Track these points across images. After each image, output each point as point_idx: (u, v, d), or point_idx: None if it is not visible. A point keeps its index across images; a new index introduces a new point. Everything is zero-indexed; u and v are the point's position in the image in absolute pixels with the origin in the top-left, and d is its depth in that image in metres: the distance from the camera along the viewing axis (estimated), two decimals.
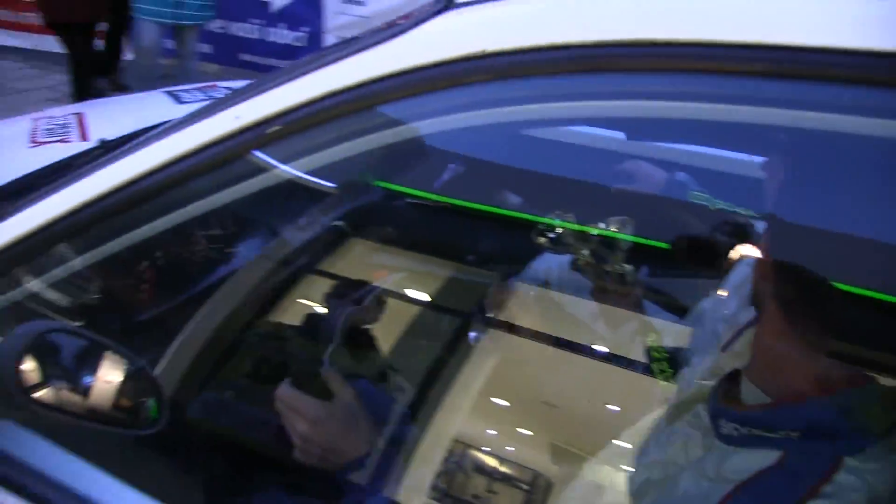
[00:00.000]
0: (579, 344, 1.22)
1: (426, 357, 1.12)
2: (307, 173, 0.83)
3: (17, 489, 0.71)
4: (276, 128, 0.65)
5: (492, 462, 1.04)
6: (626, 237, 1.16)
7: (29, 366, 0.79)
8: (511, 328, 1.26)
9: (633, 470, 0.80)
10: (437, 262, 1.26)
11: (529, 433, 1.10)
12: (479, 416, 1.12)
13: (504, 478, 1.00)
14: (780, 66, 0.49)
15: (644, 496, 0.76)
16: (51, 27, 3.63)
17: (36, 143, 1.23)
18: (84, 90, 3.80)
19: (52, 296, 0.95)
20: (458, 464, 1.01)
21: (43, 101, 4.43)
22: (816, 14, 0.49)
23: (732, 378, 0.75)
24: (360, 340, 1.10)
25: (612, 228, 1.15)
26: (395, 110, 0.66)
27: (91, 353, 0.87)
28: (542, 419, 1.13)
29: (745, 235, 1.09)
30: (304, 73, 0.65)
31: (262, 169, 0.72)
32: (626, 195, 1.23)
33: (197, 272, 1.19)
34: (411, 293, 1.19)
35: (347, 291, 1.13)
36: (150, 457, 0.91)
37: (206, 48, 4.67)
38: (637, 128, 0.90)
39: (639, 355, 1.12)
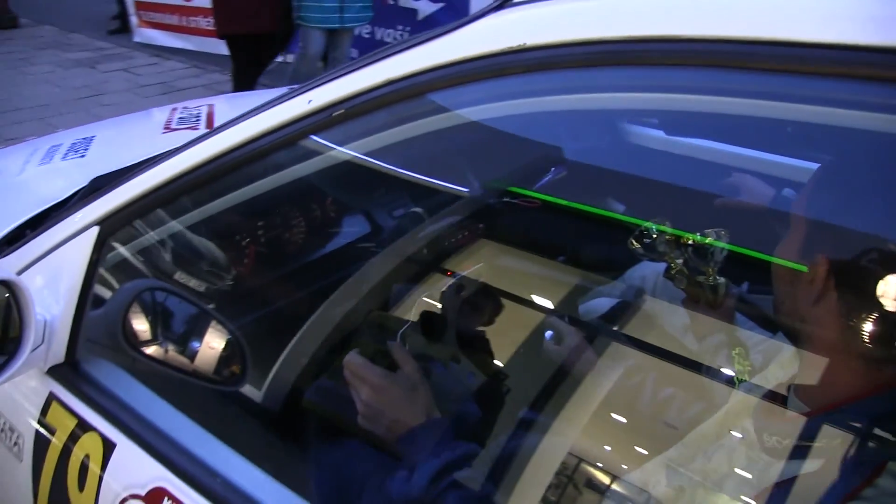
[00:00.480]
0: (694, 361, 1.21)
1: (545, 366, 1.14)
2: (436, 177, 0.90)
3: (115, 422, 0.86)
4: (340, 111, 0.75)
5: (605, 479, 1.05)
6: (724, 246, 1.16)
7: (132, 317, 0.94)
8: (634, 342, 1.25)
9: (671, 474, 0.81)
10: (564, 268, 1.27)
11: (646, 452, 1.08)
12: (596, 431, 1.12)
13: (616, 497, 1.00)
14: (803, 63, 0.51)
15: (681, 497, 0.78)
16: (222, 37, 3.98)
17: (168, 129, 1.43)
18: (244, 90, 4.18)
19: (157, 258, 1.11)
20: (569, 478, 1.03)
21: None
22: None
23: (776, 394, 0.75)
24: (473, 341, 1.16)
25: (710, 238, 1.15)
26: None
27: (187, 312, 1.01)
28: (660, 439, 1.10)
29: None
30: (368, 64, 0.75)
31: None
32: (730, 207, 1.22)
33: (297, 252, 1.32)
34: (534, 298, 1.20)
35: (466, 290, 1.17)
36: (240, 416, 1.03)
37: (353, 52, 5.00)
38: (664, 120, 0.90)
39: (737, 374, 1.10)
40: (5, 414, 0.97)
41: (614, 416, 1.07)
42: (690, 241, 1.17)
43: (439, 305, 1.16)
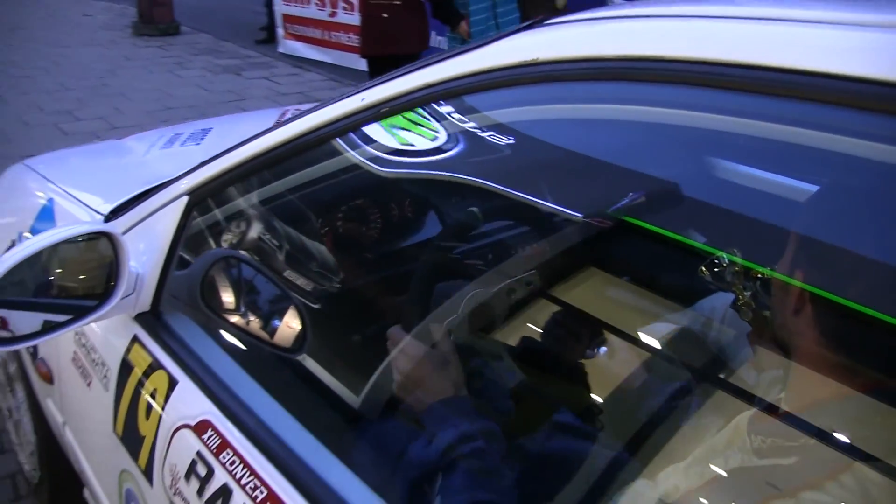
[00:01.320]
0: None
1: (644, 407, 1.16)
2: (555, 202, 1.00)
3: (181, 364, 1.08)
4: (386, 108, 0.93)
5: None
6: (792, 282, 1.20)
7: (210, 280, 1.16)
8: (738, 392, 1.21)
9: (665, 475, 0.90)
10: (673, 305, 1.28)
11: None
12: (693, 482, 1.13)
13: None
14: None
15: (674, 494, 0.87)
16: (365, 57, 4.31)
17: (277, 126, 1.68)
18: None
19: (272, 257, 1.33)
20: None
21: None
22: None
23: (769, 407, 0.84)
24: (571, 372, 1.27)
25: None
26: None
27: (258, 281, 1.22)
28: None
29: None
30: (413, 70, 0.92)
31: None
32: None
33: (397, 256, 1.50)
34: (640, 335, 1.20)
35: (570, 321, 1.22)
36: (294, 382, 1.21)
37: None
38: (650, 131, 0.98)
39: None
40: (100, 350, 1.22)
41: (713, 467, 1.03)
42: (760, 274, 1.24)
43: (541, 332, 1.22)
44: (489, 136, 1.09)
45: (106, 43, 8.12)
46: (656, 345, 1.19)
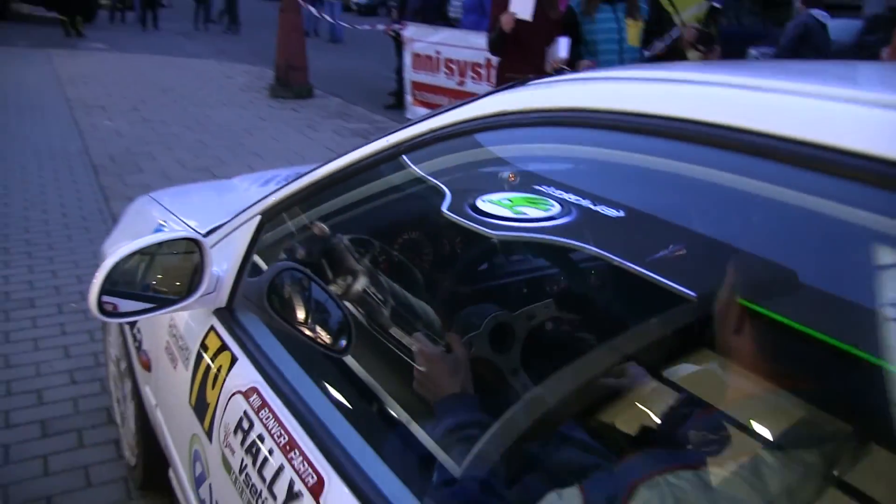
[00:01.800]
0: None
1: None
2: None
3: (242, 347, 1.41)
4: (416, 142, 1.23)
5: None
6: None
7: (274, 287, 1.49)
8: None
9: None
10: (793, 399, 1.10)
11: None
12: None
13: None
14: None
15: None
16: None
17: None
18: None
19: (377, 312, 1.62)
20: None
21: None
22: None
23: None
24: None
25: None
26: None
27: (314, 290, 1.54)
28: None
29: None
30: (447, 111, 1.23)
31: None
32: None
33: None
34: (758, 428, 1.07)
35: (682, 405, 1.17)
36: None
37: None
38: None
39: None
40: (185, 338, 1.58)
41: None
42: None
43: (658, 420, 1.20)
44: (600, 208, 1.16)
45: (244, 103, 9.08)
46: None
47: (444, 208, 1.29)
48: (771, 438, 0.97)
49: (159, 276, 1.49)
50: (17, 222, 4.77)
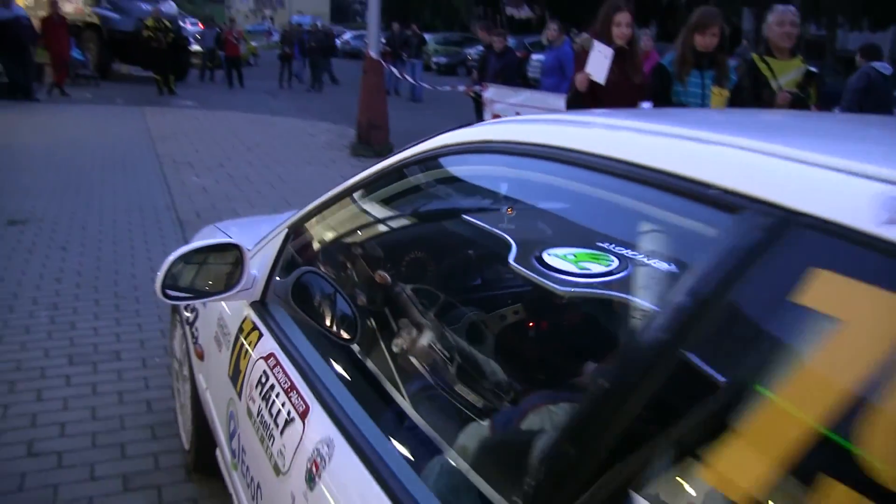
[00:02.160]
0: None
1: None
2: None
3: (269, 328, 1.90)
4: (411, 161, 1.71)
5: None
6: None
7: (297, 286, 1.97)
8: None
9: None
10: None
11: None
12: None
13: None
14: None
15: None
16: None
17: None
18: None
19: (443, 370, 2.06)
20: None
21: None
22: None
23: None
24: None
25: None
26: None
27: (329, 290, 2.02)
28: None
29: None
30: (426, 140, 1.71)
31: None
32: None
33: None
34: None
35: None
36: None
37: None
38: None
39: None
40: (228, 326, 2.08)
41: None
42: None
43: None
44: (654, 262, 1.23)
45: (326, 161, 9.81)
46: None
47: (512, 260, 1.42)
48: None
49: (208, 273, 2.01)
50: (108, 275, 5.20)
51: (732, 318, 0.85)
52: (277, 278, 2.00)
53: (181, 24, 22.17)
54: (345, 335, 1.88)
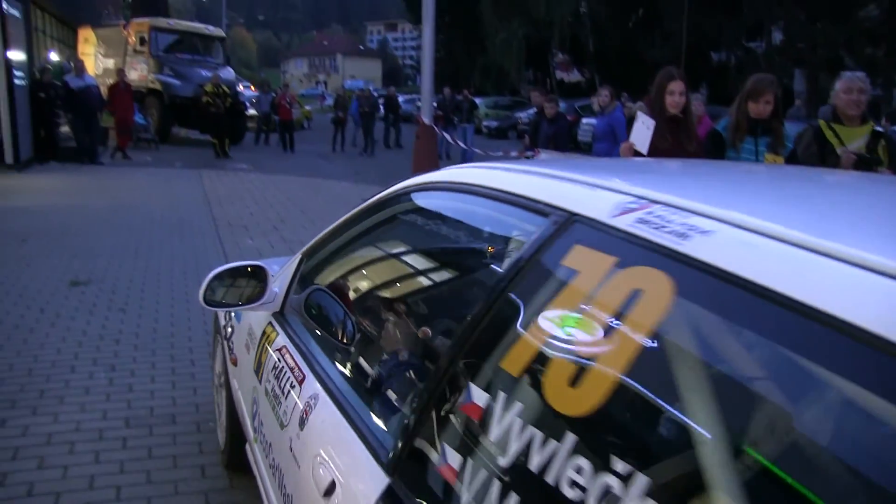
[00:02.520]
0: None
1: None
2: None
3: (284, 330, 2.56)
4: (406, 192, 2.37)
5: None
6: None
7: (307, 300, 2.62)
8: None
9: None
10: None
11: None
12: None
13: None
14: None
15: None
16: None
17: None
18: None
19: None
20: None
21: None
22: None
23: None
24: None
25: None
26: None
27: (333, 304, 2.65)
28: None
29: None
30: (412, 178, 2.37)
31: None
32: None
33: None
34: None
35: None
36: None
37: None
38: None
39: None
40: (255, 332, 2.74)
41: None
42: None
43: None
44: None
45: None
46: None
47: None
48: None
49: (239, 289, 2.67)
50: (164, 338, 5.50)
51: (535, 271, 1.46)
52: (293, 294, 2.65)
53: (238, 89, 23.68)
54: (343, 339, 2.51)
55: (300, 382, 2.17)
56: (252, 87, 27.79)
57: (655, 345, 1.11)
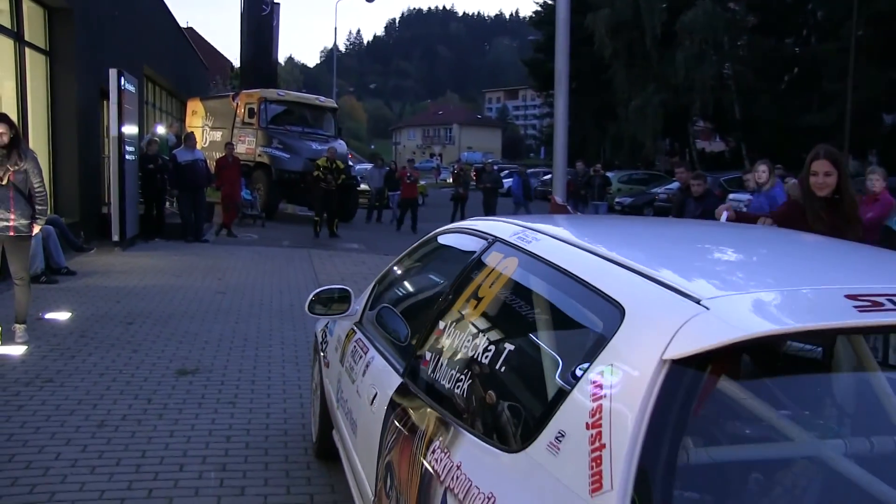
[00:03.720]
0: None
1: None
2: None
3: (362, 331, 4.30)
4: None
5: None
6: None
7: (380, 315, 4.34)
8: None
9: None
10: None
11: None
12: None
13: None
14: None
15: None
16: None
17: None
18: None
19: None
20: None
21: None
22: None
23: None
24: None
25: None
26: None
27: (395, 316, 4.34)
28: None
29: None
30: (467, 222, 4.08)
31: None
32: None
33: None
34: None
35: None
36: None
37: None
38: None
39: None
40: (341, 335, 4.50)
41: None
42: None
43: None
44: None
45: None
46: None
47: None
48: None
49: (333, 302, 4.45)
50: (277, 436, 5.88)
51: (474, 270, 3.17)
52: (368, 310, 4.37)
53: (350, 163, 25.05)
54: (401, 342, 4.17)
55: (365, 352, 3.88)
56: (350, 156, 28.60)
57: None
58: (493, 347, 2.71)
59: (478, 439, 2.48)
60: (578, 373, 2.18)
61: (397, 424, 3.06)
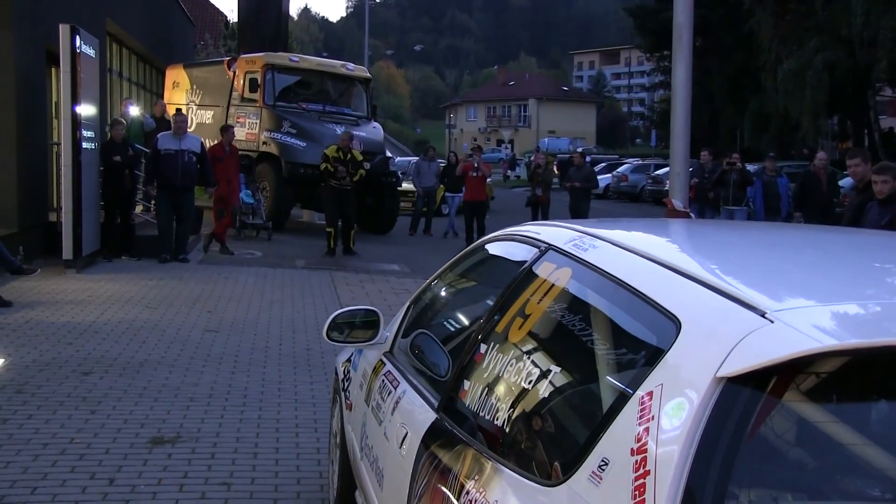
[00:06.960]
0: None
1: None
2: None
3: (391, 362, 4.92)
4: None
5: None
6: None
7: (413, 343, 4.94)
8: None
9: None
10: None
11: None
12: None
13: None
14: None
15: None
16: None
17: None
18: None
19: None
20: None
21: None
22: None
23: None
24: None
25: None
26: None
27: (434, 344, 4.92)
28: None
29: None
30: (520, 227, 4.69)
31: None
32: None
33: None
34: None
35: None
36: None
37: None
38: None
39: None
40: (367, 370, 5.16)
41: None
42: None
43: None
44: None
45: None
46: None
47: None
48: None
49: (357, 327, 5.09)
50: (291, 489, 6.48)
51: (522, 284, 3.77)
52: (401, 338, 4.98)
53: (389, 154, 23.95)
54: (440, 376, 4.72)
55: (395, 387, 4.51)
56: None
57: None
58: (536, 371, 3.23)
59: (515, 474, 2.92)
60: (627, 394, 2.55)
61: (429, 467, 3.57)
